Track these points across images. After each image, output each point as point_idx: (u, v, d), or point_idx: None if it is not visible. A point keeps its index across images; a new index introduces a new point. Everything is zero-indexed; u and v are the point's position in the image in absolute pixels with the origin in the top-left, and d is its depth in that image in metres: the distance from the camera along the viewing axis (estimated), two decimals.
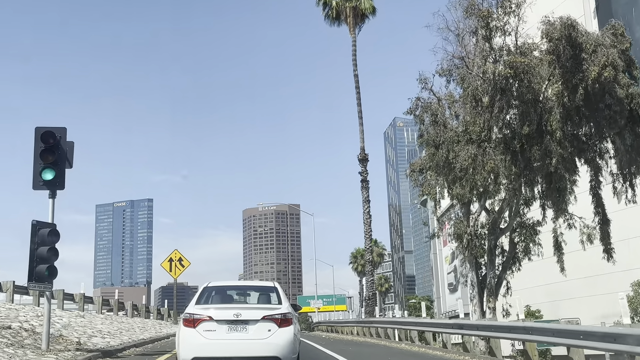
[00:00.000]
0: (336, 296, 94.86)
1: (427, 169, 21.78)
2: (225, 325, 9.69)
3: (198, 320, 9.75)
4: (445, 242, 55.39)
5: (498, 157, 18.60)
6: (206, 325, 9.67)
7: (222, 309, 10.06)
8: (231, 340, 9.61)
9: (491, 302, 21.20)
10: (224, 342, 9.60)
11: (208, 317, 9.74)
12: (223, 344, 9.59)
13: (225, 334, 9.65)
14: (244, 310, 9.97)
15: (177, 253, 32.22)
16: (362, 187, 36.16)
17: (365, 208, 35.63)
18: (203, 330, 9.65)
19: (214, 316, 9.75)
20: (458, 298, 51.10)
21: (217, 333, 9.64)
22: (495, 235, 21.40)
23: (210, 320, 9.70)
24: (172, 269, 31.47)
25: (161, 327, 25.89)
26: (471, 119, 19.19)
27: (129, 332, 19.57)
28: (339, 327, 36.44)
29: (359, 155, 35.95)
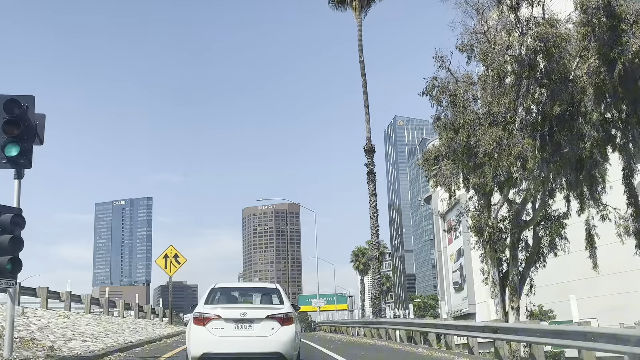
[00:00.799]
0: (337, 295, 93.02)
1: (443, 156, 19.88)
2: (232, 323, 10.23)
3: (207, 319, 10.30)
4: (451, 240, 53.39)
5: (525, 140, 16.69)
6: (215, 323, 10.22)
7: (229, 308, 10.61)
8: (238, 337, 10.15)
9: (514, 302, 19.31)
10: (231, 339, 10.13)
11: (216, 316, 10.31)
12: (230, 340, 10.12)
13: (233, 332, 10.18)
14: (250, 309, 10.50)
15: (173, 249, 30.25)
16: (369, 179, 34.17)
17: (372, 202, 33.70)
18: (212, 328, 10.19)
19: (222, 315, 10.30)
20: (464, 297, 49.12)
21: (225, 331, 10.17)
22: (518, 228, 19.53)
23: (219, 319, 10.26)
24: (167, 266, 29.47)
25: (154, 328, 24.04)
26: (495, 99, 17.27)
27: (117, 333, 17.72)
28: (343, 328, 34.51)
29: (365, 146, 33.96)
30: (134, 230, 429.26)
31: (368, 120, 33.73)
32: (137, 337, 17.79)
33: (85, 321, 19.71)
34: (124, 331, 19.51)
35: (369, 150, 33.80)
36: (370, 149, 33.95)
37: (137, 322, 25.35)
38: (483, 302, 44.22)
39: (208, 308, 10.64)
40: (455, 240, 51.65)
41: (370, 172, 33.95)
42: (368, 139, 33.82)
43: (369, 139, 33.83)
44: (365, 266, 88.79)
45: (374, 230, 33.15)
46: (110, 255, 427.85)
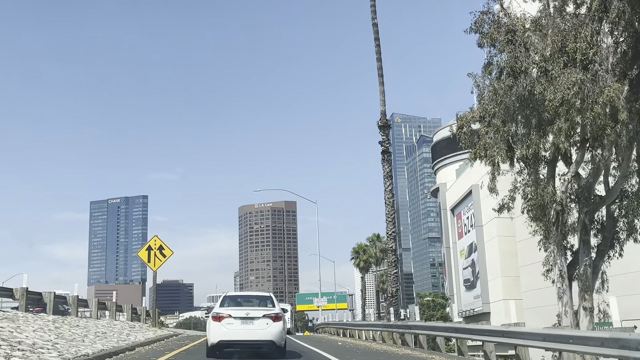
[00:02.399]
0: (337, 294, 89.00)
1: (490, 116, 15.57)
2: (239, 320, 14.29)
3: (222, 317, 14.35)
4: (462, 235, 49.14)
5: (614, 85, 12.46)
6: (227, 320, 14.28)
7: (237, 310, 14.62)
8: (243, 329, 14.21)
9: (587, 300, 15.04)
10: (238, 331, 14.20)
11: (228, 315, 14.37)
12: (238, 332, 14.20)
13: (239, 326, 14.24)
14: (251, 310, 14.60)
15: (157, 240, 25.98)
16: (383, 159, 29.76)
17: (387, 185, 29.38)
18: (225, 323, 14.26)
19: (232, 314, 14.38)
20: (477, 296, 44.82)
21: (234, 325, 14.23)
22: (591, 206, 15.29)
23: (230, 317, 14.32)
24: (150, 260, 25.18)
25: (131, 332, 19.80)
26: (570, 32, 13.00)
27: (72, 342, 13.51)
28: (353, 330, 30.09)
29: (379, 122, 29.52)
30: (129, 229, 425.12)
31: (382, 91, 29.30)
32: (100, 347, 13.53)
33: (37, 325, 15.48)
34: (86, 338, 15.27)
35: (384, 126, 29.32)
36: (385, 125, 29.44)
37: (111, 326, 21.10)
38: (499, 300, 39.97)
39: (222, 309, 14.60)
40: (466, 234, 47.39)
41: (385, 150, 29.51)
42: (382, 113, 29.38)
43: (383, 113, 29.39)
44: (367, 264, 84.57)
45: (390, 218, 28.90)
46: (106, 254, 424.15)
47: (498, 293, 39.13)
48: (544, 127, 13.95)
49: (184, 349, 16.74)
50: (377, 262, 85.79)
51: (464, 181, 45.68)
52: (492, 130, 15.50)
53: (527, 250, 34.94)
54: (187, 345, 18.35)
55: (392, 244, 29.15)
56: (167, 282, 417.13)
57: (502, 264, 38.49)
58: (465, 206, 45.48)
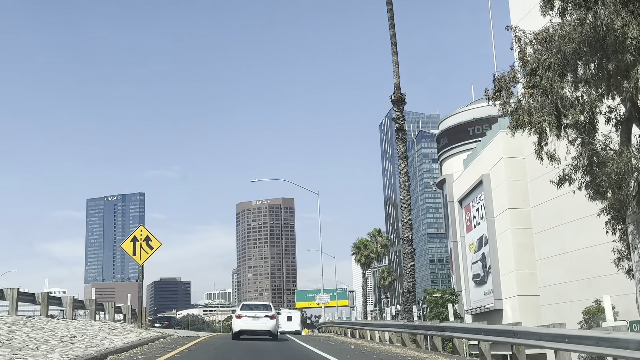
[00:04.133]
0: (337, 291, 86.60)
1: (544, 67, 12.88)
2: (250, 318, 23.93)
3: (241, 316, 24.18)
4: (471, 227, 46.48)
5: None
6: (244, 318, 23.98)
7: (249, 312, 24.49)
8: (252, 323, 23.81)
9: None
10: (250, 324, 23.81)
11: (244, 315, 24.17)
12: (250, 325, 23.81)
13: (251, 322, 23.84)
14: (258, 312, 24.46)
15: (144, 230, 23.37)
16: (398, 138, 26.99)
17: (402, 167, 26.64)
18: (243, 320, 23.95)
19: (247, 315, 24.14)
20: (487, 292, 42.09)
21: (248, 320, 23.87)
22: None
23: (245, 316, 24.07)
24: (136, 252, 22.56)
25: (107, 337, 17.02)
26: None
27: (18, 352, 10.88)
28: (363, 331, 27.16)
29: (393, 96, 26.59)
30: (126, 226, 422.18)
31: (396, 61, 26.34)
32: (57, 356, 10.95)
33: None
34: (43, 345, 12.66)
35: (398, 101, 26.40)
36: (400, 99, 26.49)
37: (86, 327, 18.49)
38: (513, 296, 37.39)
39: (241, 312, 24.72)
40: (476, 227, 44.72)
41: (399, 128, 26.71)
42: (396, 86, 26.48)
43: (397, 86, 26.48)
44: (368, 259, 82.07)
45: (405, 204, 26.19)
46: (103, 252, 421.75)
47: (512, 289, 36.58)
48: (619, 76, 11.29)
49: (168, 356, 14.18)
50: (378, 257, 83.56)
51: (474, 171, 43.07)
52: (538, 92, 12.97)
53: (545, 243, 32.37)
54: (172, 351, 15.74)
55: (408, 233, 26.31)
56: (164, 279, 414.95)
57: (517, 257, 35.91)
58: (474, 197, 42.89)
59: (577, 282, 29.25)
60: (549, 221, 31.72)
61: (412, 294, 26.02)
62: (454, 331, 16.28)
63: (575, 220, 29.64)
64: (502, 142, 37.39)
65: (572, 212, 29.63)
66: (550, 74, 12.58)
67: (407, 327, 20.36)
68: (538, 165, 33.27)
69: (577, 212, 29.10)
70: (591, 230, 28.21)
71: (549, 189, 32.02)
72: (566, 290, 30.01)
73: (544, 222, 32.04)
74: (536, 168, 32.58)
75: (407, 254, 26.25)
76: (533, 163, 33.64)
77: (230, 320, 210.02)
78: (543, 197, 32.26)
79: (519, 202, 36.22)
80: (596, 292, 26.72)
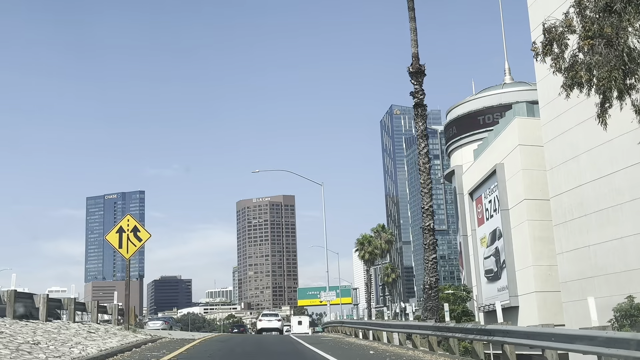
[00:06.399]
0: (341, 288, 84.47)
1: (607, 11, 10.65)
2: (266, 319, 54.00)
3: (262, 320, 54.41)
4: (482, 220, 44.38)
5: None
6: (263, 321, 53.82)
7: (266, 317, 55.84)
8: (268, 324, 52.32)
9: None
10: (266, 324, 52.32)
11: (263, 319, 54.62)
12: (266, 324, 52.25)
13: (267, 322, 52.63)
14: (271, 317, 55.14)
15: (131, 220, 21.13)
16: (416, 114, 24.47)
17: (422, 147, 24.24)
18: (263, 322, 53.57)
19: (264, 319, 54.33)
20: (501, 288, 39.97)
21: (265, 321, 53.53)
22: None
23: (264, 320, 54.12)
24: (122, 245, 20.21)
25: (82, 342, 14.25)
26: None
27: None
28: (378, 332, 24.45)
29: (411, 67, 24.03)
30: None
31: (414, 28, 23.73)
32: None
33: None
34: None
35: (417, 73, 23.92)
36: (419, 71, 23.99)
37: (61, 331, 16.22)
38: (530, 293, 35.33)
39: (262, 317, 56.26)
40: (488, 220, 42.59)
41: (419, 103, 24.25)
42: (414, 56, 23.92)
43: (415, 56, 23.92)
44: (372, 255, 80.00)
45: (426, 189, 23.82)
46: (103, 250, 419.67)
47: (529, 285, 34.48)
48: None
49: None
50: (382, 253, 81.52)
51: (485, 161, 40.95)
52: (601, 43, 10.84)
53: (567, 235, 30.23)
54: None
55: (429, 221, 23.83)
56: (165, 278, 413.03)
57: (534, 251, 33.80)
58: (486, 189, 40.78)
59: (604, 277, 27.17)
60: (571, 212, 29.59)
61: (434, 289, 23.68)
62: (509, 335, 13.17)
63: (600, 211, 27.55)
64: (517, 129, 35.33)
65: (597, 201, 27.55)
66: (616, 20, 10.47)
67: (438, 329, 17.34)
68: (559, 152, 31.18)
69: (603, 201, 27.06)
70: (619, 222, 26.17)
71: (572, 177, 29.96)
72: (591, 286, 27.92)
73: (565, 213, 29.91)
74: (557, 155, 30.47)
75: (429, 245, 23.86)
76: (553, 150, 31.59)
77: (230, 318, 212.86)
78: (564, 186, 30.14)
79: (536, 192, 34.15)
80: (626, 287, 24.71)
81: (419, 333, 18.24)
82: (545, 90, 30.95)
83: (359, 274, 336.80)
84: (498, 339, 13.65)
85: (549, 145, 31.35)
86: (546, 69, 31.81)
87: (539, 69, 32.12)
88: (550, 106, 30.52)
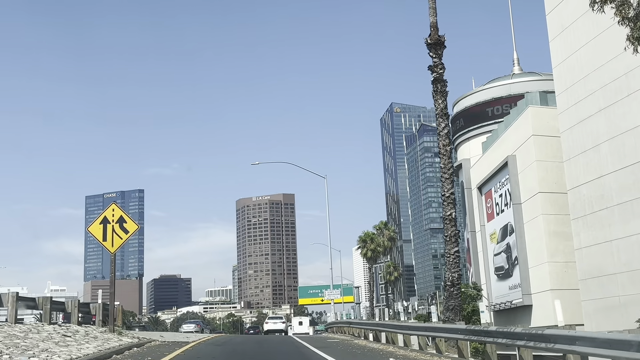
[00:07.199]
0: (342, 286, 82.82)
1: None
2: (272, 322, 63.65)
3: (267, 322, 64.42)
4: (492, 215, 42.56)
5: None
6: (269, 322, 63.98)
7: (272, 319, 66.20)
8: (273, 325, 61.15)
9: None
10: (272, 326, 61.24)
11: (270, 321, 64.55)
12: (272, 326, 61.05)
13: (273, 324, 61.65)
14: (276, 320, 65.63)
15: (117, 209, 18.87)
16: (435, 90, 22.40)
17: (442, 127, 22.25)
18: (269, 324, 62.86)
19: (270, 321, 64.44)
20: (513, 286, 38.08)
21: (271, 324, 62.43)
22: None
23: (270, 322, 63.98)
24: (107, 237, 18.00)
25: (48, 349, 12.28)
26: None
27: None
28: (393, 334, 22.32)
29: (429, 38, 21.89)
30: None
31: None
32: None
33: None
34: None
35: (436, 44, 21.87)
36: (438, 42, 21.91)
37: (30, 334, 14.35)
38: (545, 291, 33.44)
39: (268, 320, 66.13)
40: (498, 215, 40.71)
41: (438, 78, 22.19)
42: (433, 25, 21.83)
43: (434, 26, 21.80)
44: (374, 253, 78.29)
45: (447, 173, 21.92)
46: (102, 249, 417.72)
47: (544, 282, 32.62)
48: None
49: None
50: (385, 251, 79.83)
51: (495, 153, 39.10)
52: None
53: (586, 230, 28.39)
54: None
55: (450, 210, 21.85)
56: (164, 277, 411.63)
57: (549, 247, 31.92)
58: (497, 182, 38.92)
59: (627, 273, 25.36)
60: (591, 205, 27.78)
61: (456, 287, 21.73)
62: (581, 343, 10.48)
63: (624, 203, 25.73)
64: (531, 118, 33.46)
65: (620, 193, 25.74)
66: None
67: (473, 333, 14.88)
68: (577, 141, 29.27)
69: (627, 193, 25.25)
70: None
71: (591, 168, 28.08)
72: (613, 284, 26.15)
73: (585, 206, 28.11)
74: (575, 145, 28.67)
75: (450, 237, 21.87)
76: (571, 139, 29.73)
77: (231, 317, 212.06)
78: (583, 178, 28.32)
79: (551, 185, 32.30)
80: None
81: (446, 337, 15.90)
82: (563, 75, 29.19)
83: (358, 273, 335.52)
84: (563, 347, 11.04)
85: (567, 135, 29.55)
86: (564, 52, 29.97)
87: (556, 52, 30.27)
88: (568, 92, 28.76)
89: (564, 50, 29.37)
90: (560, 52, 29.90)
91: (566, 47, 29.38)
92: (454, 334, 15.62)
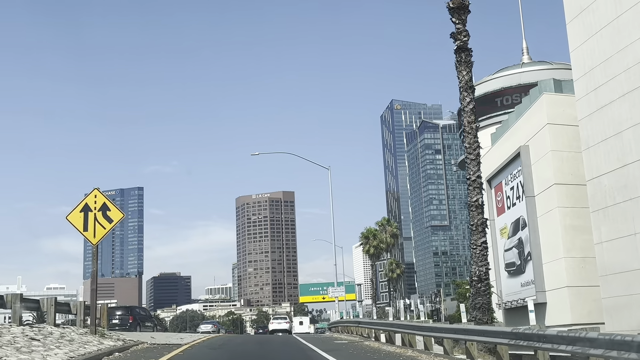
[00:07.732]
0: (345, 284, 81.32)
1: None
2: (277, 322, 64.67)
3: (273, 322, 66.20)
4: (503, 210, 40.96)
5: None
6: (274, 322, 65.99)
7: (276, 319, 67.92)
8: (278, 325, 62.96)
9: None
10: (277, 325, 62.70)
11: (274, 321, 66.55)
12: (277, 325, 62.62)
13: (277, 324, 63.18)
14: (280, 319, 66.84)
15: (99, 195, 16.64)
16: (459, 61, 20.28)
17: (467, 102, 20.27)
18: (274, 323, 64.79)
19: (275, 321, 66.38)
20: (525, 283, 36.45)
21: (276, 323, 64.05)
22: None
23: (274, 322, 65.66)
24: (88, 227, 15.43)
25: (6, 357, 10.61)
26: None
27: None
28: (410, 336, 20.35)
29: (451, 2, 20.02)
30: (124, 221, 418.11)
31: None
32: None
33: None
34: None
35: (459, 8, 19.81)
36: (462, 5, 19.96)
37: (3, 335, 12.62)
38: (561, 288, 31.84)
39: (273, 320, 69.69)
40: (510, 208, 39.08)
41: (462, 47, 20.04)
42: None
43: None
44: (377, 250, 76.76)
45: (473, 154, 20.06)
46: (101, 247, 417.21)
47: (560, 279, 31.00)
48: None
49: None
50: (387, 248, 78.30)
51: (506, 144, 37.49)
52: None
53: (607, 223, 26.76)
54: None
55: (477, 195, 19.92)
56: (164, 275, 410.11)
57: (566, 241, 30.29)
58: (508, 174, 37.32)
59: None
60: (613, 196, 26.17)
61: (484, 282, 19.92)
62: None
63: None
64: (546, 106, 31.81)
65: None
66: None
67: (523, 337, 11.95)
68: (597, 129, 27.55)
69: None
70: None
71: (613, 156, 26.40)
72: (637, 280, 24.56)
73: (606, 197, 26.50)
74: (595, 133, 27.03)
75: (477, 226, 19.96)
76: (590, 127, 28.07)
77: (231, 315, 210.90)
78: (604, 168, 26.71)
79: (567, 176, 30.67)
80: None
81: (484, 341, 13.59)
82: (581, 60, 27.56)
83: (359, 270, 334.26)
84: None
85: (585, 122, 27.92)
86: (582, 35, 28.27)
87: (574, 35, 28.63)
88: (587, 77, 27.13)
89: (583, 33, 27.70)
90: (578, 35, 28.20)
91: (585, 29, 27.70)
92: (493, 338, 13.30)
